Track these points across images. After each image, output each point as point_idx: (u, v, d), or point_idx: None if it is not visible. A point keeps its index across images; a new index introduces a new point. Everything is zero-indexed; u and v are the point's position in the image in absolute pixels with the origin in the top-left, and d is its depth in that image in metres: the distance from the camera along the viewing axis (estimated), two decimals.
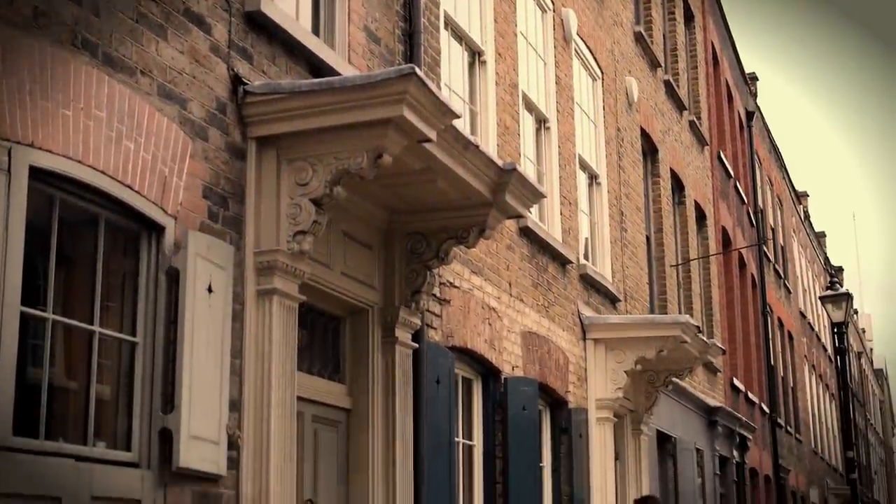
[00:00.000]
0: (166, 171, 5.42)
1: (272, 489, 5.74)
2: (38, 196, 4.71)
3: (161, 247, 5.39)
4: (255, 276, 5.95)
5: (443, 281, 8.43)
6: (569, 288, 11.59)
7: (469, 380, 9.31)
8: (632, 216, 14.29)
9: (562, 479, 10.87)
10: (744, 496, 19.72)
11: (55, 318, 4.87)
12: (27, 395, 4.66)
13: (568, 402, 11.08)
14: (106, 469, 4.93)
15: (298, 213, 5.99)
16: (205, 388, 5.40)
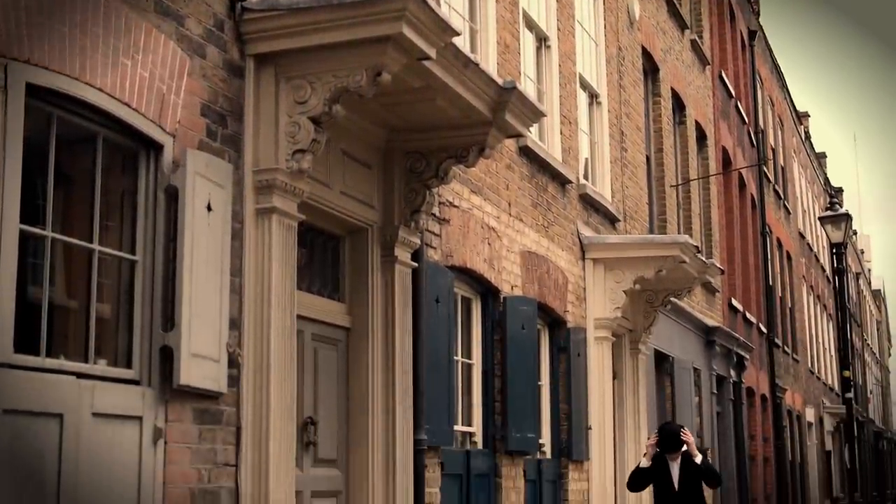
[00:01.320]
0: (164, 89, 5.38)
1: (272, 407, 5.79)
2: (36, 114, 4.69)
3: (159, 165, 5.38)
4: (254, 195, 5.94)
5: (442, 200, 8.42)
6: (568, 208, 11.58)
7: (468, 299, 9.35)
8: (632, 136, 14.22)
9: (560, 397, 10.96)
10: (740, 415, 19.92)
11: (54, 236, 4.88)
12: (28, 313, 4.69)
13: (566, 322, 11.14)
14: (107, 386, 4.97)
15: (297, 132, 5.97)
16: (205, 307, 5.42)
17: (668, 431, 9.77)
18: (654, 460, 9.71)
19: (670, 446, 9.58)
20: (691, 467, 9.58)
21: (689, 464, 9.60)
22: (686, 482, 9.58)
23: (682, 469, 9.61)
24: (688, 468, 9.60)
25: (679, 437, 9.60)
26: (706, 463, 9.81)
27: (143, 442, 5.10)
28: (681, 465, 9.61)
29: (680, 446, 9.57)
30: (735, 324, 20.14)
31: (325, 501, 6.81)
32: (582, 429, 11.20)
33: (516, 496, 9.60)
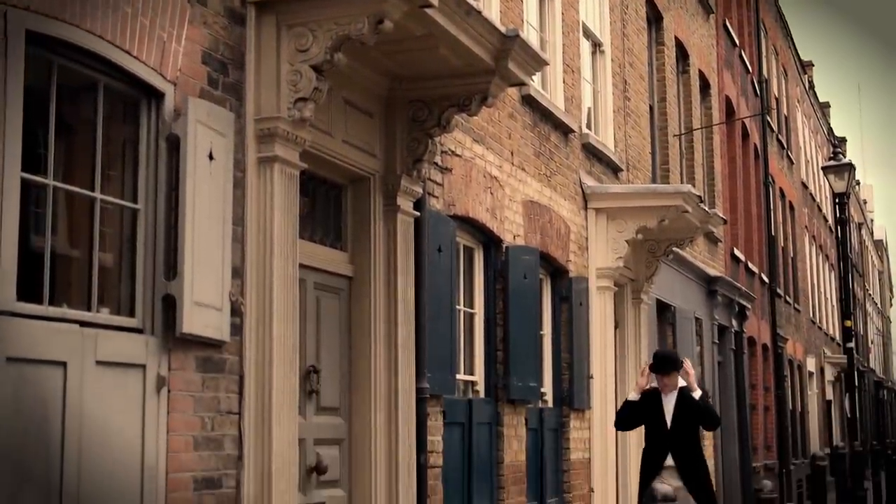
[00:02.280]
0: (165, 37, 5.35)
1: (275, 355, 5.82)
2: (36, 62, 4.66)
3: (161, 113, 5.36)
4: (256, 144, 5.93)
5: (444, 149, 8.39)
6: (571, 157, 11.54)
7: (470, 248, 9.35)
8: (635, 85, 14.15)
9: (562, 346, 10.99)
10: (741, 364, 19.99)
11: (56, 184, 4.87)
12: (30, 262, 4.69)
13: (569, 271, 11.15)
14: (110, 334, 4.98)
15: (299, 80, 5.94)
16: (207, 255, 5.43)
17: (663, 353, 9.26)
18: (646, 396, 8.95)
19: (665, 367, 8.84)
20: (688, 404, 8.81)
21: (685, 401, 8.82)
22: (680, 421, 8.79)
23: (678, 406, 8.82)
24: (684, 405, 8.81)
25: (675, 359, 8.96)
26: (704, 401, 9.00)
27: (147, 390, 5.13)
28: (676, 402, 8.84)
29: (676, 368, 8.84)
30: (737, 273, 20.16)
31: (328, 449, 6.86)
32: (583, 378, 11.25)
33: (518, 444, 9.66)
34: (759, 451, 21.72)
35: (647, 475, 8.94)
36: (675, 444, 8.80)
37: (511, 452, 9.48)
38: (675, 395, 8.84)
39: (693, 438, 8.94)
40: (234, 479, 5.67)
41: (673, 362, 8.88)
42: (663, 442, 8.83)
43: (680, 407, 8.82)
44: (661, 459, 8.85)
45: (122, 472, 4.97)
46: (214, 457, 5.54)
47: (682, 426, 8.79)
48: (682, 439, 8.82)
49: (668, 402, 8.86)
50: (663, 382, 8.89)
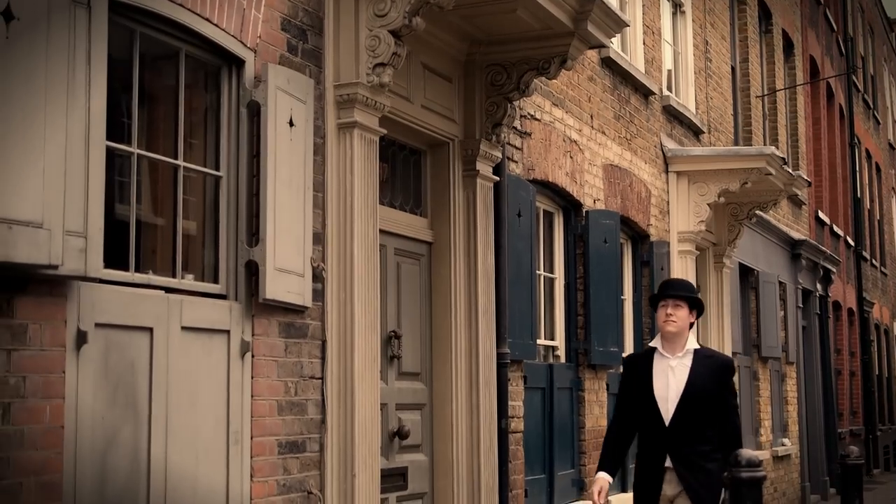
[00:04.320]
0: (244, 4, 5.37)
1: (356, 320, 5.84)
2: (119, 31, 4.71)
3: (241, 81, 5.38)
4: (336, 110, 5.93)
5: (523, 113, 8.34)
6: (651, 120, 11.41)
7: (550, 213, 9.30)
8: (717, 45, 13.92)
9: (643, 311, 10.91)
10: (826, 329, 19.69)
11: (140, 153, 4.92)
12: (116, 230, 4.76)
13: (650, 235, 11.05)
14: (195, 300, 5.04)
15: (377, 45, 5.92)
16: (288, 221, 5.46)
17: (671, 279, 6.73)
18: (636, 363, 5.90)
19: (671, 290, 5.82)
20: (703, 384, 5.61)
21: (701, 376, 5.61)
22: (689, 411, 5.61)
23: (691, 384, 5.60)
24: (698, 384, 5.60)
25: (689, 286, 5.97)
26: (731, 389, 5.80)
27: (231, 355, 5.19)
28: (690, 377, 5.62)
29: (689, 298, 5.76)
30: (822, 237, 19.81)
31: (409, 414, 6.89)
32: None
33: (599, 409, 9.62)
34: (846, 416, 21.41)
35: (644, 488, 5.82)
36: (676, 449, 5.65)
37: (592, 417, 9.45)
38: (688, 361, 5.66)
39: (704, 443, 5.66)
40: (317, 444, 5.73)
41: (686, 287, 5.86)
42: (659, 445, 5.68)
43: (693, 387, 5.60)
44: (658, 465, 5.69)
45: (208, 437, 5.04)
46: (298, 421, 5.60)
47: (689, 420, 5.61)
48: (686, 442, 5.64)
49: (671, 377, 5.64)
50: (668, 321, 5.68)
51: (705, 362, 5.70)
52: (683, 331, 5.73)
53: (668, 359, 5.74)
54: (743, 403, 14.00)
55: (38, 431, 4.12)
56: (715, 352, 6.05)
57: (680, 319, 5.70)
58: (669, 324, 5.69)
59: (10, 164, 3.92)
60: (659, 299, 5.78)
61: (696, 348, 5.76)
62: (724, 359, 5.93)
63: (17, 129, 3.96)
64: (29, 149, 4.00)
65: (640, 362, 5.85)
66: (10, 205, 3.91)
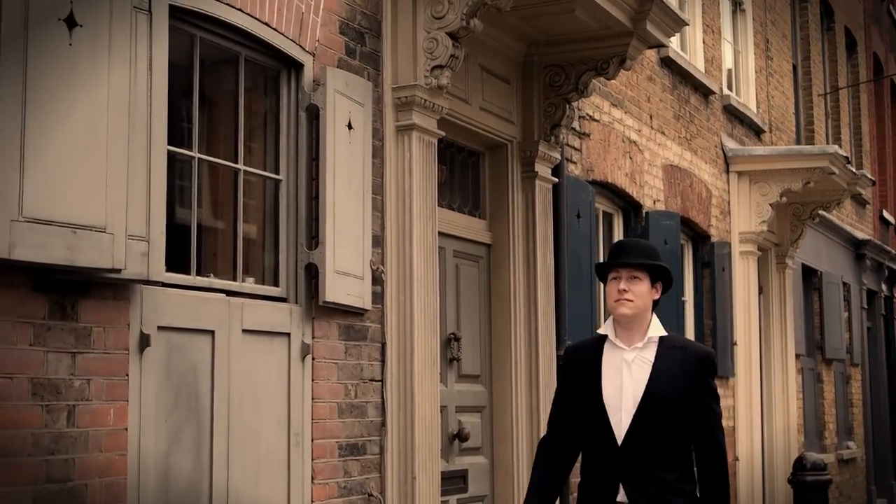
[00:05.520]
0: (303, 8, 5.39)
1: (416, 323, 5.84)
2: (180, 36, 4.75)
3: (300, 84, 5.41)
4: (394, 112, 5.94)
5: (582, 114, 8.30)
6: (711, 119, 11.30)
7: (609, 214, 9.25)
8: (778, 44, 13.76)
9: (704, 313, 10.81)
10: (892, 330, 19.37)
11: (200, 157, 4.96)
12: (177, 233, 4.80)
13: (710, 236, 10.94)
14: (255, 303, 5.07)
15: (435, 48, 5.92)
16: (348, 224, 5.47)
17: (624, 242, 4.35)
18: (581, 354, 4.14)
19: (626, 254, 4.06)
20: (670, 386, 3.93)
21: (669, 375, 3.94)
22: (650, 425, 3.92)
23: (654, 386, 3.92)
24: (663, 386, 3.93)
25: (651, 250, 4.11)
26: (712, 392, 4.10)
27: (292, 358, 5.21)
28: (653, 377, 3.94)
29: (649, 265, 4.02)
30: (887, 236, 19.50)
31: (469, 416, 6.87)
32: (727, 345, 11.04)
33: None
34: None
35: None
36: (630, 473, 3.95)
37: None
38: (650, 354, 3.98)
39: (671, 464, 3.97)
40: (377, 446, 5.73)
41: (645, 251, 4.08)
42: (611, 468, 3.97)
43: (660, 384, 3.92)
44: None
45: (269, 439, 5.06)
46: (358, 424, 5.61)
47: (648, 434, 3.92)
48: (644, 464, 3.93)
49: (625, 370, 3.97)
50: (621, 301, 3.98)
51: (674, 356, 3.94)
52: (643, 313, 3.97)
53: (622, 351, 3.97)
54: (807, 406, 13.82)
55: (103, 434, 4.17)
56: (689, 341, 4.28)
57: (638, 297, 3.94)
58: (623, 304, 3.93)
59: (74, 170, 3.97)
60: (608, 269, 4.04)
61: (661, 336, 3.98)
62: (701, 351, 4.10)
63: (81, 135, 4.01)
64: (92, 154, 4.04)
65: (583, 356, 4.06)
66: (74, 209, 3.96)
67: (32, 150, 3.82)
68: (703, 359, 4.06)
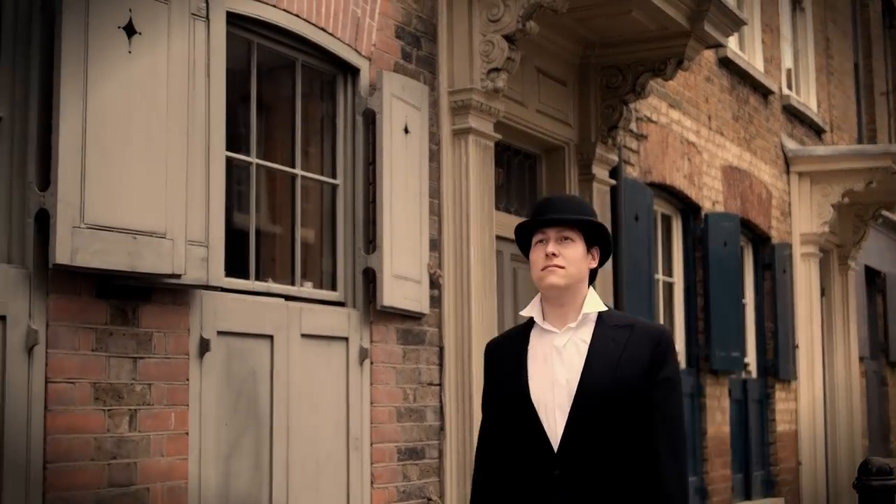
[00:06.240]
0: (359, 13, 5.40)
1: (473, 326, 5.82)
2: (237, 42, 4.78)
3: (356, 89, 5.42)
4: (450, 116, 5.93)
5: (639, 115, 8.24)
6: (771, 120, 11.17)
7: (668, 216, 9.17)
8: (838, 42, 13.57)
9: (765, 315, 10.69)
10: None
11: (258, 162, 4.98)
12: (236, 238, 4.82)
13: (771, 238, 10.82)
14: (314, 308, 5.08)
15: (491, 51, 5.91)
16: (405, 229, 5.47)
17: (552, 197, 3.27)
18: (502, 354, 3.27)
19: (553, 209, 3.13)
20: (613, 373, 2.99)
21: (611, 359, 3.01)
22: (591, 424, 2.97)
23: (592, 373, 2.99)
24: (604, 373, 2.99)
25: (584, 206, 3.18)
26: (670, 380, 3.03)
27: (350, 362, 5.21)
28: (590, 362, 3.01)
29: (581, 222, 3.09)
30: None
31: None
32: (789, 347, 10.91)
33: (721, 416, 9.44)
34: None
35: None
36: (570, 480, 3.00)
37: (714, 424, 9.27)
38: (586, 334, 3.09)
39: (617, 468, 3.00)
40: (436, 450, 5.72)
41: (577, 207, 3.16)
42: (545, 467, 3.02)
43: (600, 371, 3.01)
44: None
45: (328, 443, 5.07)
46: (417, 428, 5.60)
47: (590, 436, 2.99)
48: (591, 468, 3.00)
49: (555, 357, 3.09)
50: (550, 267, 3.09)
51: (618, 336, 3.05)
52: (578, 285, 3.09)
53: (552, 335, 3.11)
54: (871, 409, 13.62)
55: (164, 438, 4.20)
56: (637, 319, 3.20)
57: (571, 262, 3.06)
58: (552, 272, 3.06)
59: (134, 176, 4.01)
60: (532, 231, 3.16)
61: (600, 312, 3.09)
62: (652, 328, 3.11)
63: (140, 142, 4.04)
64: (151, 160, 4.07)
65: (505, 348, 3.26)
66: (135, 216, 3.99)
67: (93, 157, 3.86)
68: (655, 338, 3.06)
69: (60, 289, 3.84)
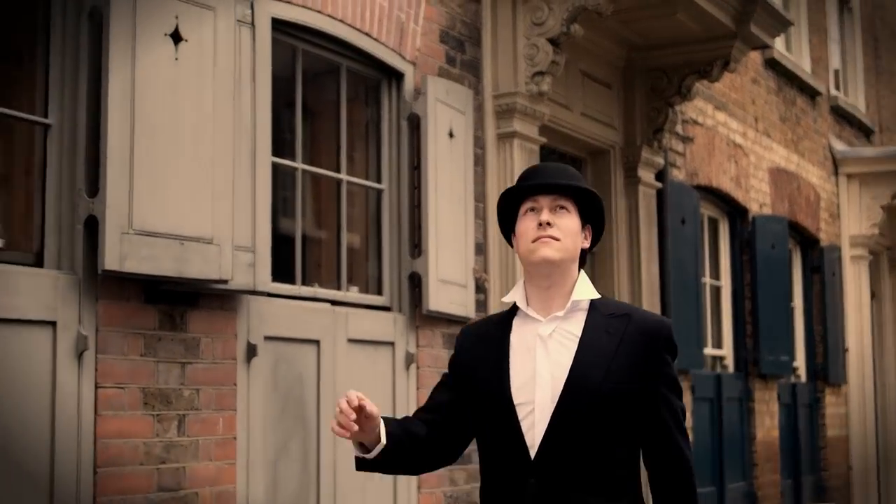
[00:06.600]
0: (403, 17, 5.41)
1: None
2: (282, 48, 4.79)
3: (401, 94, 5.42)
4: (495, 120, 5.92)
5: (685, 118, 8.18)
6: (819, 121, 11.06)
7: (715, 219, 9.10)
8: (887, 42, 13.41)
9: (814, 318, 10.57)
10: None
11: (304, 167, 5.00)
12: (282, 244, 4.84)
13: (819, 240, 10.70)
14: (360, 313, 5.08)
15: (536, 54, 5.89)
16: (450, 233, 5.46)
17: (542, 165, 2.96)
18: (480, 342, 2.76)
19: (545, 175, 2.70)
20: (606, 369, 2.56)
21: (604, 354, 2.58)
22: (578, 428, 2.54)
23: (581, 369, 2.56)
24: (596, 369, 2.56)
25: (575, 174, 2.76)
26: (671, 380, 2.63)
27: (396, 367, 5.21)
28: (580, 356, 2.58)
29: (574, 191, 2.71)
30: None
31: None
32: (838, 351, 10.79)
33: (770, 420, 9.35)
34: None
35: None
36: (550, 492, 2.56)
37: (763, 429, 9.18)
38: (576, 326, 2.65)
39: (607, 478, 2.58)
40: None
41: (569, 174, 2.75)
42: (519, 476, 2.60)
43: (591, 366, 2.58)
44: None
45: None
46: None
47: (581, 435, 2.56)
48: (575, 478, 2.56)
49: (539, 348, 2.63)
50: (543, 238, 2.64)
51: (613, 327, 2.63)
52: (569, 265, 2.68)
53: (536, 323, 2.66)
54: None
55: (213, 442, 4.21)
56: (635, 308, 2.75)
57: (567, 235, 2.66)
58: (547, 243, 2.63)
59: (181, 182, 4.03)
60: (522, 197, 2.71)
61: (593, 300, 2.68)
62: (652, 320, 2.69)
63: (187, 148, 4.06)
64: (198, 167, 4.09)
65: (482, 338, 2.76)
66: (182, 221, 4.01)
67: (140, 163, 3.88)
68: (655, 330, 2.64)
69: (109, 294, 3.87)
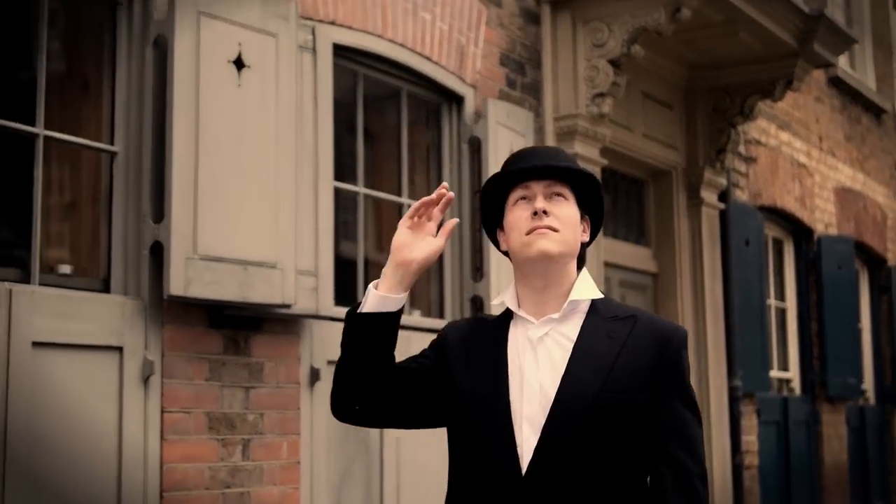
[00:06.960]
0: (463, 41, 5.41)
1: None
2: (343, 73, 4.82)
3: (461, 117, 5.42)
4: (556, 142, 5.90)
5: (748, 138, 8.10)
6: (885, 139, 10.90)
7: (779, 240, 8.99)
8: None
9: (882, 340, 10.39)
10: None
11: (366, 191, 5.01)
12: (344, 268, 4.85)
13: (887, 260, 10.53)
14: (422, 336, 5.05)
15: (596, 76, 5.87)
16: None
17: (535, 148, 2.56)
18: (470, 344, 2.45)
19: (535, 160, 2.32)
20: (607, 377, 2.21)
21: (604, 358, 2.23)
22: (574, 442, 2.19)
23: (577, 375, 2.21)
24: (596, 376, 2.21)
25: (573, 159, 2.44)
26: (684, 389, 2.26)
27: None
28: (576, 361, 2.23)
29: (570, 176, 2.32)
30: None
31: None
32: None
33: (839, 444, 9.18)
34: None
35: None
36: None
37: (832, 453, 9.02)
38: (571, 329, 2.31)
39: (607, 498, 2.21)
40: None
41: (565, 157, 2.38)
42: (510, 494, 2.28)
43: (589, 373, 2.23)
44: None
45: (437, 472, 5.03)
46: None
47: (579, 450, 2.21)
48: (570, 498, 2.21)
49: (528, 352, 2.32)
50: (540, 228, 2.30)
51: (615, 331, 2.30)
52: (568, 261, 2.39)
53: (527, 325, 2.38)
54: None
55: (277, 467, 4.22)
56: (642, 311, 2.39)
57: (566, 225, 2.34)
58: (544, 234, 2.32)
59: (244, 207, 4.05)
60: (511, 185, 2.37)
61: (594, 300, 2.37)
62: (662, 325, 2.33)
63: (250, 173, 4.09)
64: (261, 191, 4.12)
65: (478, 340, 2.46)
66: (245, 246, 4.03)
67: (205, 188, 3.91)
68: (666, 337, 2.28)
69: (175, 319, 3.90)
